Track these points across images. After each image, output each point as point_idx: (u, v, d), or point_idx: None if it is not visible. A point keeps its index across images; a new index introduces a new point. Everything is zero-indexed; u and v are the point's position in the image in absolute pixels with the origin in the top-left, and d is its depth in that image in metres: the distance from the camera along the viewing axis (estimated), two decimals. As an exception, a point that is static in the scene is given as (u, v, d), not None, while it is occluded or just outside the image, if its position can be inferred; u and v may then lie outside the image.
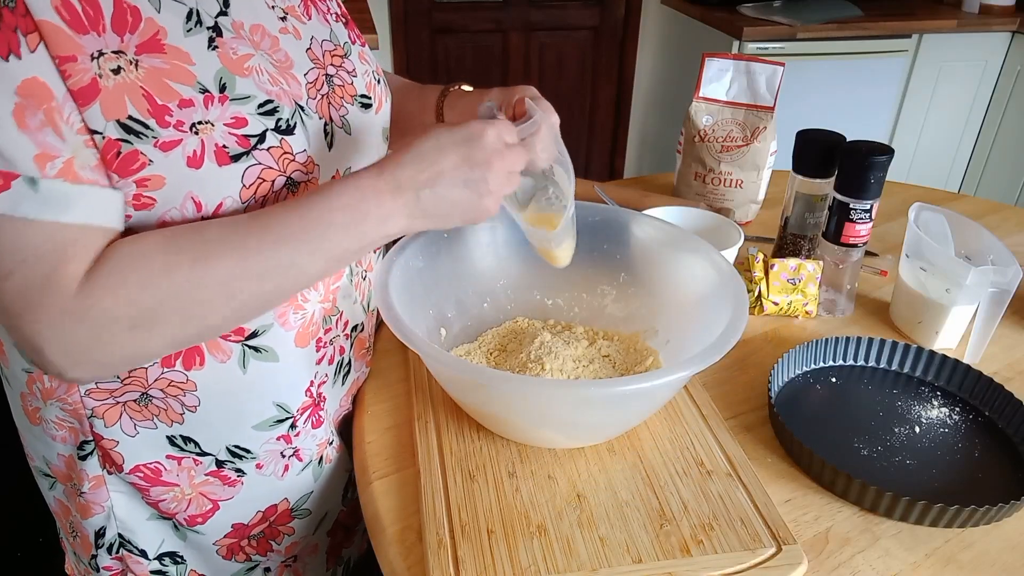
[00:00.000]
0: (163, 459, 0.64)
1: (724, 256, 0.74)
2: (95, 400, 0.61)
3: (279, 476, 0.70)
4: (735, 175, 1.15)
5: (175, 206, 0.53)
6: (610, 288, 0.84)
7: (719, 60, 1.15)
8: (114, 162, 0.49)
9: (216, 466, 0.66)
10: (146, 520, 0.68)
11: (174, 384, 0.61)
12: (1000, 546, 0.61)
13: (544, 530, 0.59)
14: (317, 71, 0.62)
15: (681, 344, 0.74)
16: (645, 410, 0.67)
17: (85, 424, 0.63)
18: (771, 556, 0.57)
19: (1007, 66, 2.65)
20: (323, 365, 0.70)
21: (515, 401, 0.63)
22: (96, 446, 0.64)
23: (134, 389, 0.61)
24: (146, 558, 0.69)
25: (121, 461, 0.64)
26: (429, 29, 2.71)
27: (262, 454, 0.68)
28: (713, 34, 2.49)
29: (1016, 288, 0.78)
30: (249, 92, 0.54)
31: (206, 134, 0.52)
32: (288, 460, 0.70)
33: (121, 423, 0.62)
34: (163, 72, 0.50)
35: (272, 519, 0.73)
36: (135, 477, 0.65)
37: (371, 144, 0.70)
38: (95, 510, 0.66)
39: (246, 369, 0.63)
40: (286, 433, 0.68)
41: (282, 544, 0.75)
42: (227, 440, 0.66)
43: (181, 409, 0.62)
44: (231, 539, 0.71)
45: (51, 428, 0.64)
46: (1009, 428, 0.72)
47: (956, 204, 1.26)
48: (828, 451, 0.67)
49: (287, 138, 0.57)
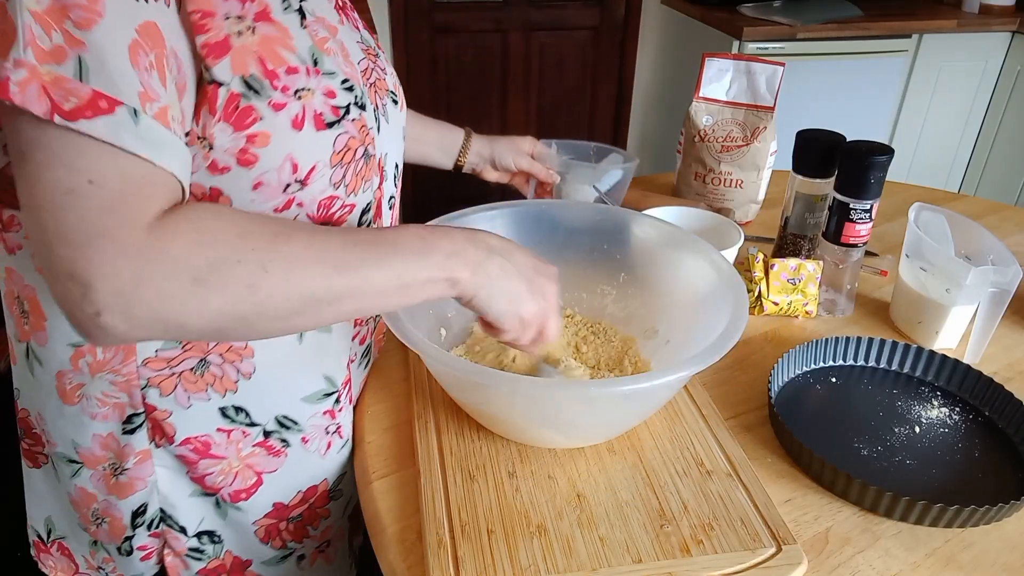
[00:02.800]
0: (213, 432, 0.66)
1: (724, 256, 0.75)
2: (152, 370, 0.62)
3: (322, 453, 0.72)
4: (735, 175, 1.15)
5: (274, 167, 0.56)
6: (610, 288, 0.84)
7: (719, 60, 1.15)
8: (232, 114, 0.52)
9: (263, 436, 0.68)
10: (188, 496, 0.69)
11: (233, 349, 0.63)
12: (1000, 546, 0.61)
13: (544, 530, 0.59)
14: (367, 61, 0.68)
15: (681, 344, 0.74)
16: (645, 410, 0.67)
17: (136, 396, 0.63)
18: (771, 556, 0.57)
19: (1007, 66, 2.65)
20: (355, 343, 0.73)
21: (514, 401, 0.63)
22: (147, 418, 0.64)
23: (193, 355, 0.62)
24: (185, 535, 0.70)
25: (173, 432, 0.64)
26: (429, 29, 2.71)
27: (308, 427, 0.70)
28: (713, 34, 2.49)
29: (1016, 288, 0.78)
30: (334, 69, 0.59)
31: (307, 100, 0.56)
32: (331, 437, 0.72)
33: (176, 394, 0.63)
34: (274, 40, 0.54)
35: (311, 501, 0.74)
36: (185, 449, 0.65)
37: (399, 138, 0.74)
38: (137, 486, 0.66)
39: (302, 338, 0.66)
40: (331, 408, 0.71)
41: (318, 529, 0.76)
42: (276, 410, 0.68)
43: (236, 376, 0.64)
44: (271, 519, 0.72)
45: (92, 406, 0.64)
46: (1009, 428, 0.72)
47: (956, 204, 1.26)
48: (828, 451, 0.67)
49: (362, 113, 0.63)
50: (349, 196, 0.64)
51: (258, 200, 0.57)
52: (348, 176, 0.62)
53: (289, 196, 0.58)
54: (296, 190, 0.58)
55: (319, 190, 0.60)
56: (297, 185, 0.58)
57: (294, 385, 0.68)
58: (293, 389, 0.68)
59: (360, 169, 0.64)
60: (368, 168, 0.65)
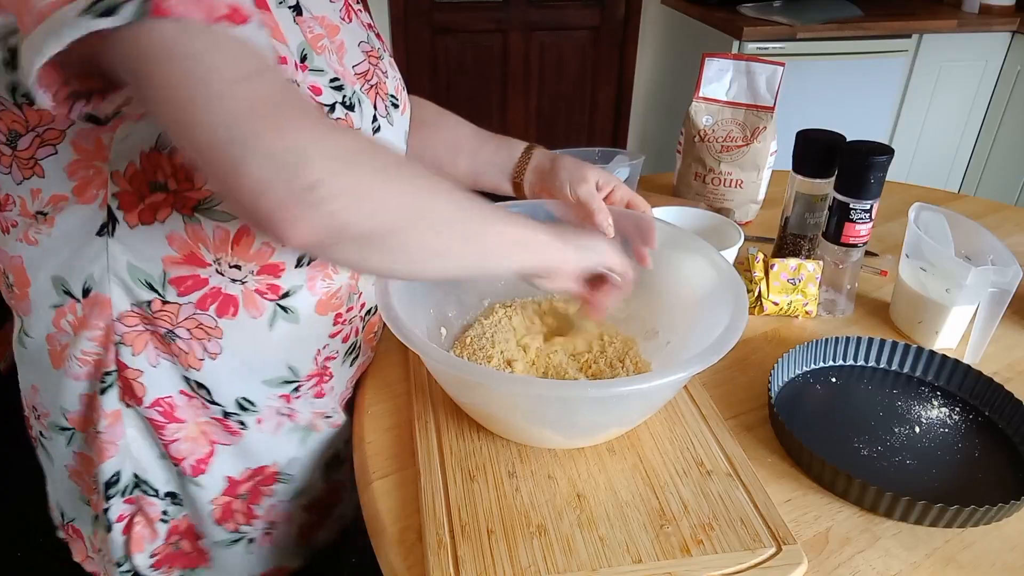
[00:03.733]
0: (176, 394, 0.67)
1: (723, 256, 0.75)
2: (125, 326, 0.62)
3: (272, 432, 0.73)
4: (735, 175, 1.15)
5: None
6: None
7: (719, 60, 1.15)
8: None
9: (223, 415, 0.69)
10: (157, 458, 0.69)
11: (202, 327, 0.63)
12: (1000, 546, 0.61)
13: (544, 530, 0.59)
14: (367, 63, 0.68)
15: (681, 345, 0.74)
16: (645, 411, 0.67)
17: (111, 352, 0.63)
18: (771, 556, 0.57)
19: (1007, 66, 2.65)
20: (336, 340, 0.73)
21: (514, 402, 0.63)
22: (118, 376, 0.65)
23: (163, 324, 0.63)
24: (158, 497, 0.71)
25: (142, 393, 0.65)
26: (429, 29, 2.71)
27: (264, 409, 0.71)
28: (713, 34, 2.49)
29: (1016, 288, 0.78)
30: (323, 67, 0.59)
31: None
32: (281, 418, 0.73)
33: (146, 352, 0.64)
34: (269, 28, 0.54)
35: (258, 479, 0.75)
36: (154, 412, 0.66)
37: (401, 141, 0.74)
38: (109, 451, 0.67)
39: (273, 327, 0.66)
40: (287, 393, 0.72)
41: (263, 506, 0.77)
42: (237, 392, 0.68)
43: (202, 355, 0.65)
44: (225, 497, 0.73)
45: (75, 367, 0.64)
46: (1009, 428, 0.72)
47: (956, 204, 1.26)
48: (828, 451, 0.66)
49: (351, 113, 0.62)
50: None
51: None
52: None
53: None
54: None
55: None
56: None
57: (255, 369, 0.68)
58: (254, 373, 0.69)
59: None
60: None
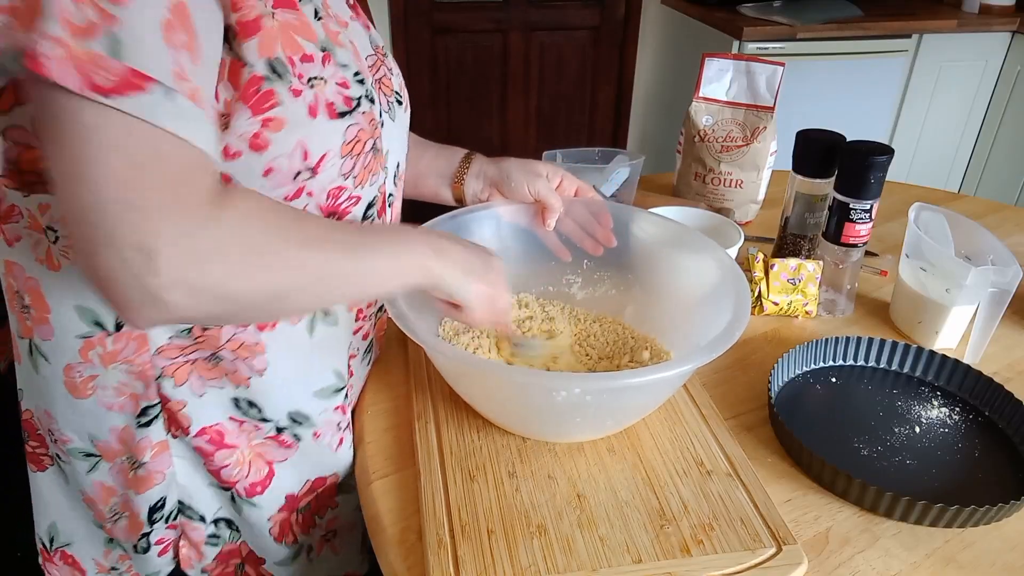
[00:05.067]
0: (225, 421, 0.66)
1: (726, 252, 0.75)
2: (165, 359, 0.62)
3: (333, 448, 0.73)
4: (735, 175, 1.15)
5: (285, 153, 0.56)
6: (611, 285, 0.84)
7: (719, 60, 1.15)
8: (252, 97, 0.53)
9: (276, 432, 0.69)
10: (207, 486, 0.69)
11: (245, 345, 0.63)
12: (1000, 546, 0.61)
13: (544, 530, 0.59)
14: (376, 58, 0.69)
15: (683, 341, 0.74)
16: (647, 405, 0.67)
17: (151, 386, 0.63)
18: (771, 556, 0.57)
19: (1007, 66, 2.65)
20: (357, 337, 0.74)
21: (515, 393, 0.63)
22: (162, 409, 0.64)
23: (206, 348, 0.62)
24: (203, 522, 0.70)
25: (188, 424, 0.64)
26: (429, 29, 2.71)
27: (320, 423, 0.70)
28: (713, 34, 2.49)
29: (1016, 288, 0.78)
30: (347, 61, 0.60)
31: (320, 89, 0.57)
32: (343, 433, 0.73)
33: (190, 382, 0.63)
34: (293, 27, 0.55)
35: (319, 491, 0.74)
36: (201, 440, 0.65)
37: (403, 138, 0.74)
38: (155, 479, 0.66)
39: (313, 332, 0.67)
40: (342, 404, 0.72)
41: (324, 518, 0.77)
42: (289, 407, 0.68)
43: (249, 373, 0.64)
44: (283, 513, 0.72)
45: (108, 396, 0.63)
46: (1009, 428, 0.72)
47: (956, 204, 1.26)
48: (828, 451, 0.66)
49: (372, 107, 0.63)
50: (356, 188, 0.64)
51: (267, 187, 0.57)
52: (357, 168, 0.63)
53: (300, 184, 0.59)
54: (307, 178, 0.58)
55: (328, 180, 0.60)
56: (308, 173, 0.58)
57: (306, 379, 0.68)
58: (305, 383, 0.68)
59: (368, 162, 0.64)
60: (376, 161, 0.66)
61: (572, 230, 0.83)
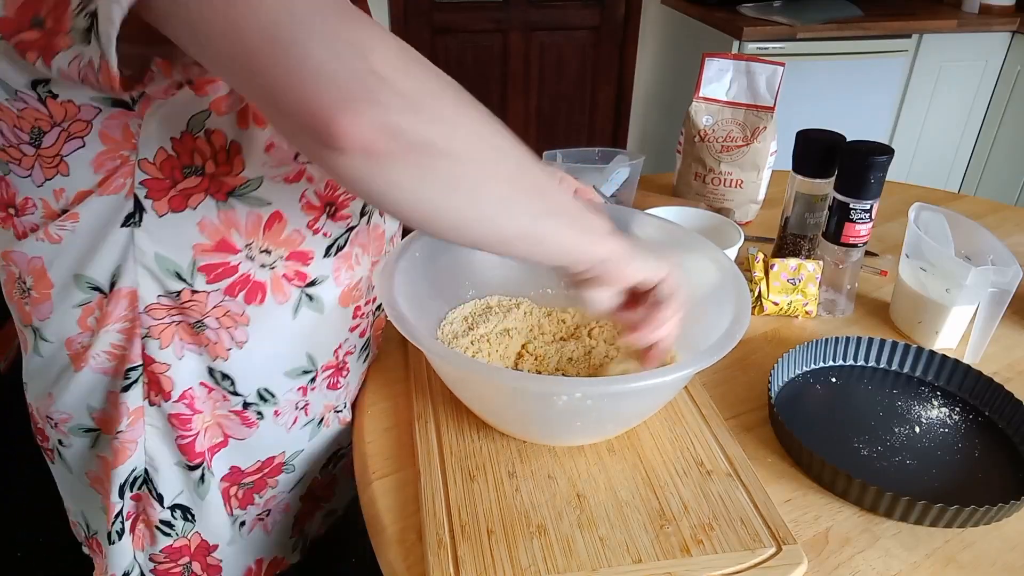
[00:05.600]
0: (196, 386, 0.67)
1: (725, 253, 0.75)
2: (153, 319, 0.62)
3: (287, 427, 0.73)
4: (735, 175, 1.15)
5: None
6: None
7: (719, 60, 1.15)
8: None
9: (242, 407, 0.69)
10: (172, 464, 0.69)
11: (230, 314, 0.64)
12: (1000, 546, 0.61)
13: (544, 530, 0.59)
14: None
15: (683, 343, 0.74)
16: (647, 408, 0.67)
17: (136, 347, 0.63)
18: (771, 556, 0.57)
19: (1007, 66, 2.65)
20: (354, 335, 0.74)
21: (514, 397, 0.63)
22: (144, 372, 0.64)
23: (192, 315, 0.63)
24: (161, 504, 0.70)
25: (170, 388, 0.65)
26: (429, 29, 2.71)
27: (283, 401, 0.71)
28: (713, 34, 2.49)
29: (1016, 288, 0.78)
30: None
31: None
32: (298, 412, 0.73)
33: (173, 345, 0.64)
34: None
35: (266, 471, 0.75)
36: (181, 406, 0.66)
37: None
38: (128, 450, 0.67)
39: (296, 315, 0.67)
40: (305, 385, 0.72)
41: (264, 496, 0.77)
42: (259, 382, 0.69)
43: (230, 344, 0.65)
44: (225, 483, 0.73)
45: (101, 362, 0.64)
46: (1009, 428, 0.72)
47: (956, 204, 1.26)
48: (828, 451, 0.66)
49: None
50: None
51: (270, 163, 0.57)
52: None
53: (300, 166, 0.59)
54: (306, 160, 0.59)
55: None
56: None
57: (279, 357, 0.69)
58: (277, 362, 0.69)
59: None
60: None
61: None
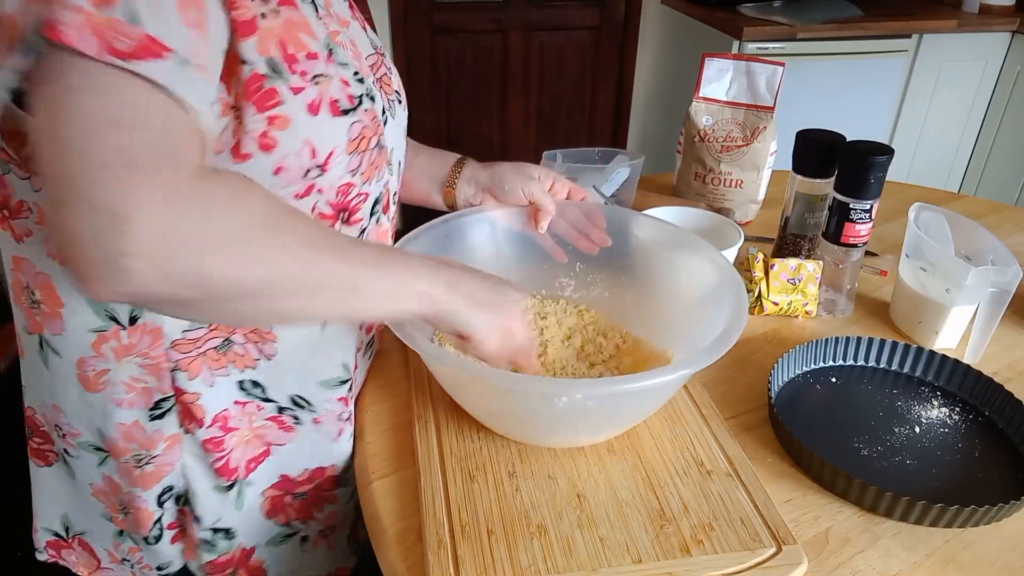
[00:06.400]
0: (231, 405, 0.66)
1: (723, 255, 0.75)
2: (180, 352, 0.62)
3: (333, 438, 0.73)
4: (735, 175, 1.15)
5: (293, 151, 0.56)
6: (609, 288, 0.84)
7: (719, 60, 1.15)
8: (255, 95, 0.53)
9: (277, 412, 0.69)
10: (210, 490, 0.69)
11: (257, 331, 0.64)
12: (1000, 546, 0.61)
13: (544, 530, 0.59)
14: (376, 57, 0.69)
15: (682, 344, 0.74)
16: (645, 409, 0.67)
17: (166, 379, 0.63)
18: (771, 556, 0.57)
19: (1007, 66, 2.65)
20: (362, 332, 0.74)
21: (509, 398, 0.63)
22: (176, 402, 0.64)
23: (218, 335, 0.63)
24: (199, 525, 0.70)
25: (202, 415, 0.65)
26: (429, 29, 2.71)
27: (322, 411, 0.71)
28: (713, 34, 2.49)
29: (1016, 288, 0.78)
30: (347, 60, 0.60)
31: (324, 86, 0.57)
32: (343, 424, 0.73)
33: (202, 375, 0.64)
34: (297, 25, 0.55)
35: (318, 482, 0.74)
36: (215, 429, 0.66)
37: (403, 136, 0.74)
38: (165, 471, 0.66)
39: (325, 325, 0.67)
40: (345, 395, 0.72)
41: (323, 512, 0.77)
42: (292, 391, 0.69)
43: (258, 355, 0.65)
44: (276, 491, 0.72)
45: (119, 392, 0.63)
46: (1009, 428, 0.72)
47: (956, 204, 1.26)
48: (828, 451, 0.66)
49: (374, 104, 0.63)
50: (364, 184, 0.65)
51: (279, 185, 0.57)
52: (363, 164, 0.63)
53: (310, 182, 0.59)
54: (316, 175, 0.59)
55: (337, 176, 0.61)
56: (317, 171, 0.58)
57: (312, 370, 0.69)
58: (311, 373, 0.69)
59: (374, 159, 0.65)
60: (381, 158, 0.67)
61: (566, 231, 0.84)
